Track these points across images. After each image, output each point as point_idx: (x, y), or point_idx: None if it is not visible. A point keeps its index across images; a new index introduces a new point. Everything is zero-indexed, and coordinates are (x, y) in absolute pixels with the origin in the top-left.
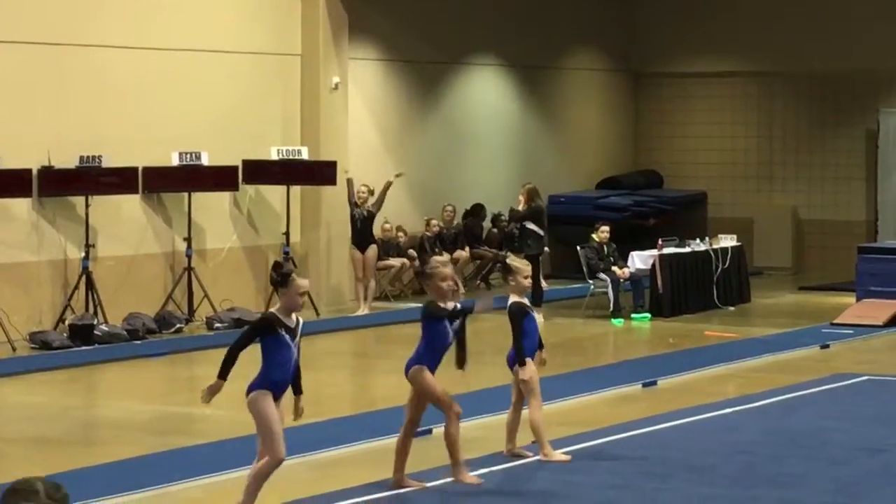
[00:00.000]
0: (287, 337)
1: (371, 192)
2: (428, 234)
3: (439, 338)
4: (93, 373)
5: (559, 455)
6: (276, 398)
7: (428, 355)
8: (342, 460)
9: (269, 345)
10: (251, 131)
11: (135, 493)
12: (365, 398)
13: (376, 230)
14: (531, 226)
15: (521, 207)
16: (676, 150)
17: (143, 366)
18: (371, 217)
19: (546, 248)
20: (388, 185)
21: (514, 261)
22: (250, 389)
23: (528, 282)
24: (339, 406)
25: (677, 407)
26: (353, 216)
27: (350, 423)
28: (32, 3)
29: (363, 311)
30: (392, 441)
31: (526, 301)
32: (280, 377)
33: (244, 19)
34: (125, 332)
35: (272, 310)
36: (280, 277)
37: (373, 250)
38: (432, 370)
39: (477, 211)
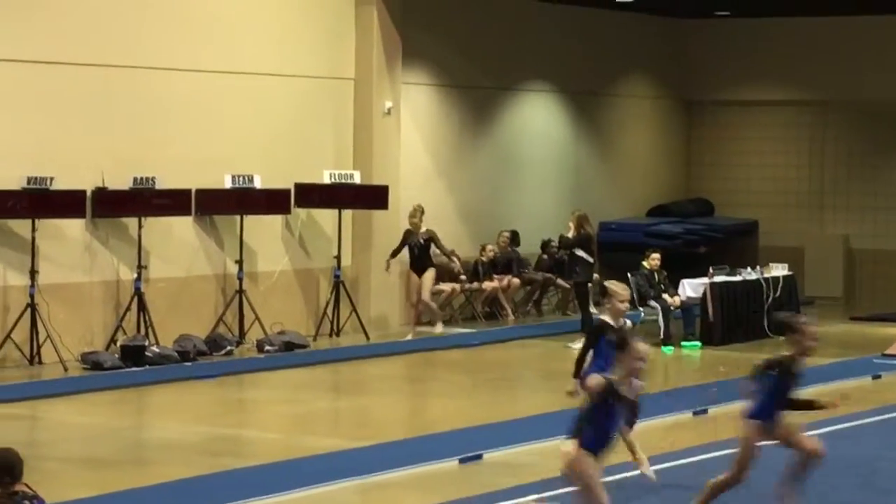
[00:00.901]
0: (617, 407)
1: (422, 212)
2: (483, 258)
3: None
4: (143, 394)
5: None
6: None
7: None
8: (391, 484)
9: (599, 411)
10: (304, 155)
11: None
12: (413, 423)
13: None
14: (580, 252)
15: (570, 234)
16: (728, 178)
17: (193, 387)
18: (428, 242)
19: (595, 275)
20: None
21: (612, 284)
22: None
23: (624, 306)
24: (388, 430)
25: (728, 436)
26: (410, 245)
27: (399, 447)
28: (91, 25)
29: (439, 329)
30: (440, 466)
31: (618, 323)
32: (601, 445)
33: (298, 43)
34: (176, 354)
35: (610, 376)
36: (618, 341)
37: (430, 273)
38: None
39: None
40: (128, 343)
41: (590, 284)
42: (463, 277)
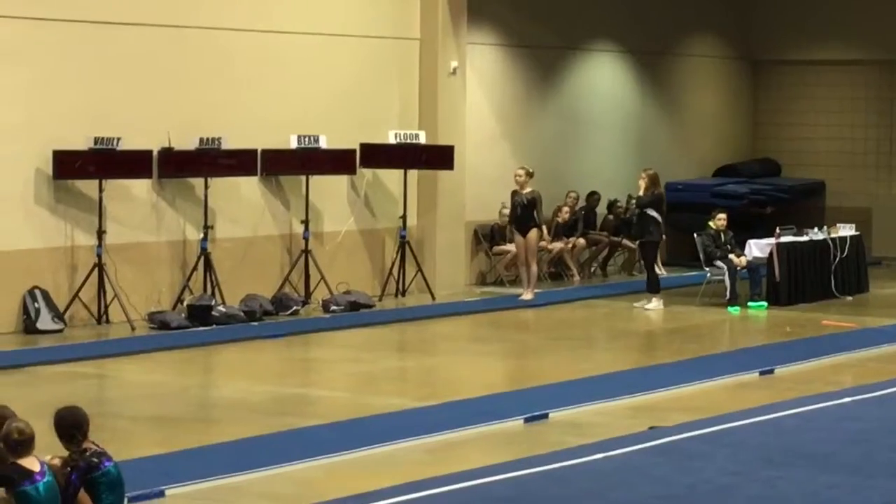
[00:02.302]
0: None
1: (530, 175)
2: (559, 219)
3: None
4: (210, 353)
5: None
6: None
7: None
8: (457, 443)
9: None
10: (369, 115)
11: (253, 473)
12: (478, 382)
13: (495, 215)
14: (652, 212)
15: (641, 192)
16: (794, 138)
17: (259, 347)
18: (532, 202)
19: (663, 236)
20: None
21: None
22: None
23: None
24: (454, 390)
25: (795, 395)
26: (513, 202)
27: (464, 406)
28: None
29: (527, 295)
30: (505, 425)
31: None
32: None
33: (363, 3)
34: (242, 314)
35: None
36: None
37: (534, 234)
38: None
39: (592, 198)
40: (194, 303)
41: (658, 245)
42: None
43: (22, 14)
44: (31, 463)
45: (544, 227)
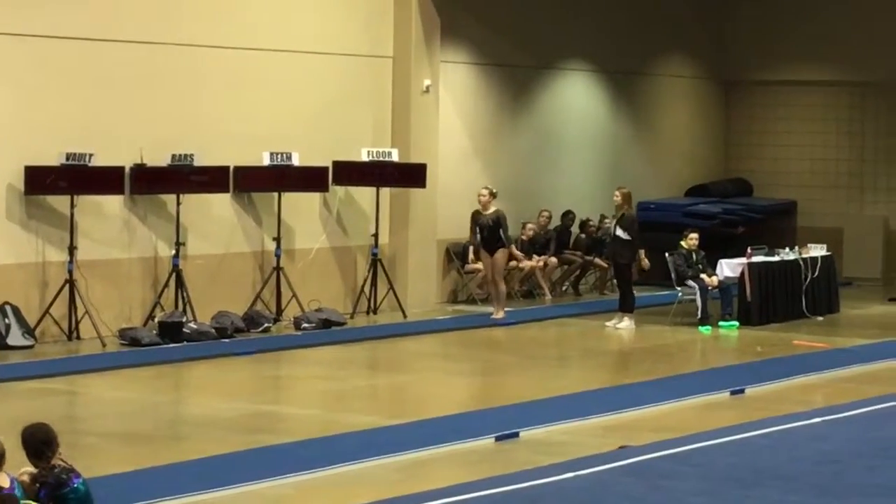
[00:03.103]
0: None
1: (494, 195)
2: (523, 237)
3: None
4: (181, 370)
5: None
6: None
7: None
8: (427, 461)
9: None
10: (342, 132)
11: (223, 490)
12: (449, 401)
13: (467, 234)
14: (620, 233)
15: (623, 211)
16: (766, 158)
17: (230, 364)
18: (497, 222)
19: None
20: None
21: None
22: None
23: None
24: (425, 408)
25: (765, 415)
26: (478, 223)
27: (436, 425)
28: (131, 2)
29: (499, 314)
30: (476, 443)
31: None
32: None
33: (337, 21)
34: (213, 331)
35: None
36: None
37: (501, 253)
38: None
39: (566, 217)
40: (166, 319)
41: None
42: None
43: None
44: (0, 479)
45: (513, 246)
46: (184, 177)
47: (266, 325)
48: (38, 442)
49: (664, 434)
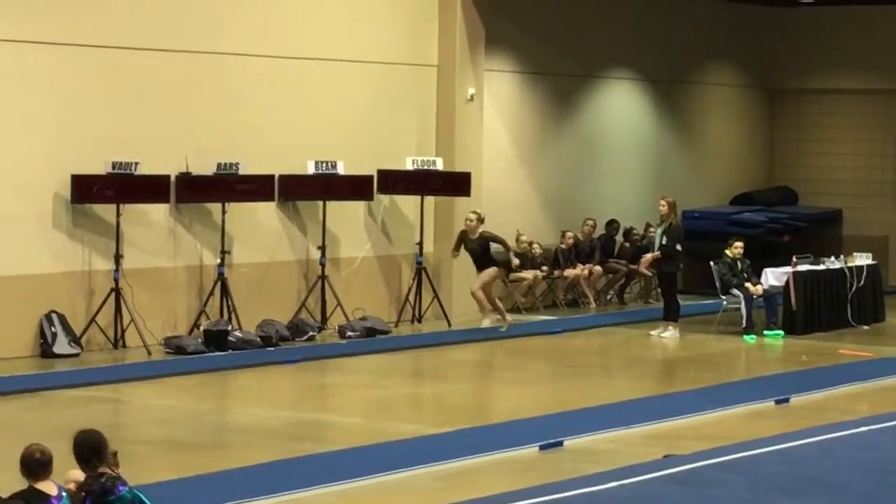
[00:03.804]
0: None
1: (482, 220)
2: (563, 246)
3: None
4: (226, 378)
5: None
6: None
7: None
8: (472, 470)
9: None
10: (386, 141)
11: (267, 498)
12: (494, 409)
13: (511, 242)
14: (666, 242)
15: (671, 221)
16: (812, 166)
17: (275, 372)
18: (486, 245)
19: (680, 265)
20: (506, 247)
21: None
22: None
23: None
24: (469, 416)
25: (810, 424)
26: (466, 247)
27: (480, 433)
28: (178, 12)
29: (504, 325)
30: (520, 452)
31: None
32: None
33: (382, 30)
34: (258, 339)
35: None
36: None
37: (490, 270)
38: None
39: (611, 226)
40: (211, 328)
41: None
42: (545, 268)
43: (42, 39)
44: (47, 487)
45: (514, 259)
46: (229, 185)
47: (311, 333)
48: (88, 449)
49: (709, 443)
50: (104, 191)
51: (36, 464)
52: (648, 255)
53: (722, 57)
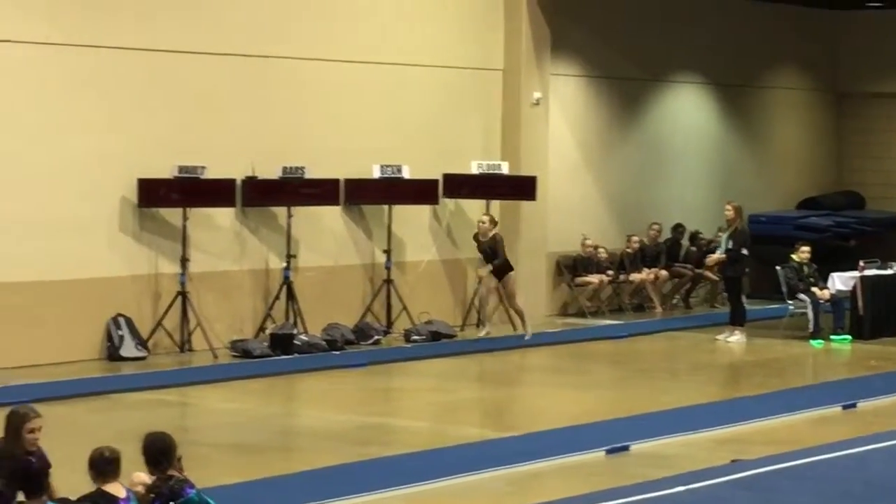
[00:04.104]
0: None
1: (494, 223)
2: (628, 250)
3: None
4: (292, 382)
5: None
6: None
7: None
8: (538, 474)
9: None
10: (451, 145)
11: (334, 502)
12: (559, 413)
13: (577, 246)
14: (732, 246)
15: (737, 225)
16: (879, 170)
17: (340, 376)
18: (494, 248)
19: (746, 269)
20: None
21: None
22: None
23: None
24: (535, 420)
25: (878, 429)
26: (478, 249)
27: (546, 437)
28: (240, 15)
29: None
30: (586, 456)
31: None
32: None
33: (447, 34)
34: (324, 343)
35: None
36: None
37: (511, 278)
38: None
39: (677, 230)
40: (277, 331)
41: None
42: (610, 272)
43: (109, 44)
44: (116, 489)
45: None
46: (295, 189)
47: (376, 337)
48: (157, 451)
49: (776, 448)
50: (171, 194)
51: (104, 462)
52: (714, 255)
53: (788, 60)
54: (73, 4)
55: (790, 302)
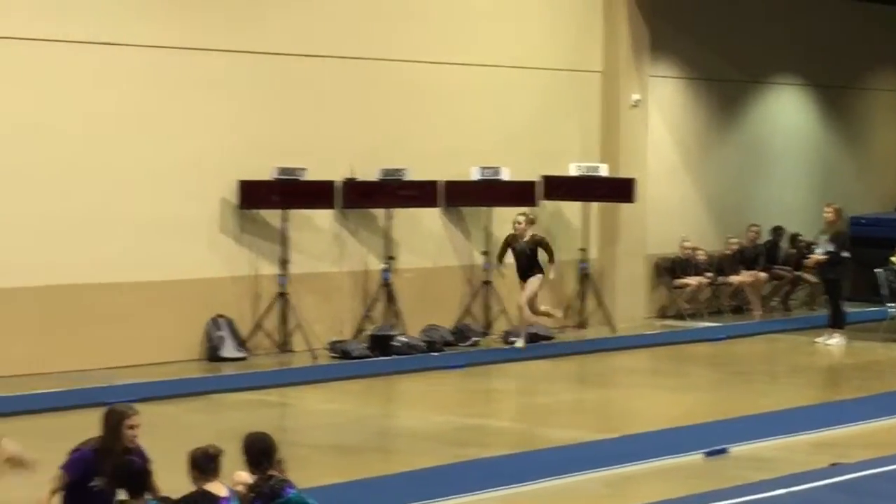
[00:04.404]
0: None
1: (532, 222)
2: (727, 252)
3: None
4: (391, 383)
5: None
6: None
7: None
8: (635, 476)
9: None
10: (549, 147)
11: (432, 503)
12: (658, 416)
13: (676, 248)
14: (832, 249)
15: (837, 227)
16: None
17: (439, 377)
18: (534, 250)
19: (847, 271)
20: (551, 259)
21: None
22: None
23: None
24: (633, 423)
25: None
26: (514, 250)
27: (644, 440)
28: (341, 18)
29: (520, 343)
30: (685, 459)
31: None
32: None
33: (546, 36)
34: (423, 344)
35: None
36: None
37: (535, 278)
38: None
39: (776, 232)
40: (376, 332)
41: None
42: (709, 274)
43: (212, 46)
44: (217, 488)
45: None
46: (394, 191)
47: (475, 338)
48: (258, 451)
49: (876, 451)
50: (271, 196)
51: (206, 460)
52: (814, 256)
53: (889, 62)
54: (181, 9)
55: (890, 305)
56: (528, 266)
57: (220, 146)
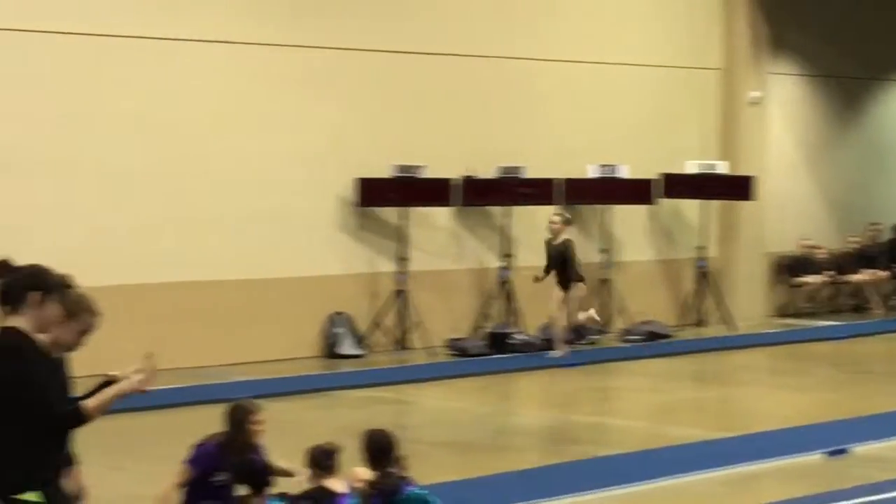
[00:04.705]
0: None
1: (567, 222)
2: (848, 250)
3: None
4: (508, 380)
5: None
6: None
7: None
8: (755, 476)
9: None
10: (667, 144)
11: (548, 501)
12: (777, 415)
13: (792, 246)
14: None
15: None
16: None
17: (556, 375)
18: (563, 252)
19: None
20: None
21: None
22: None
23: None
24: (752, 421)
25: None
26: (547, 252)
27: (763, 439)
28: (459, 16)
29: (559, 352)
30: (805, 458)
31: None
32: None
33: (664, 33)
34: (540, 342)
35: None
36: None
37: (575, 290)
38: None
39: None
40: (494, 330)
41: None
42: (829, 273)
43: (330, 44)
44: (335, 484)
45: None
46: (512, 189)
47: (592, 337)
48: (377, 448)
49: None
50: (389, 194)
51: (324, 456)
52: None
53: None
54: (301, 8)
55: None
56: (562, 268)
57: (338, 144)
